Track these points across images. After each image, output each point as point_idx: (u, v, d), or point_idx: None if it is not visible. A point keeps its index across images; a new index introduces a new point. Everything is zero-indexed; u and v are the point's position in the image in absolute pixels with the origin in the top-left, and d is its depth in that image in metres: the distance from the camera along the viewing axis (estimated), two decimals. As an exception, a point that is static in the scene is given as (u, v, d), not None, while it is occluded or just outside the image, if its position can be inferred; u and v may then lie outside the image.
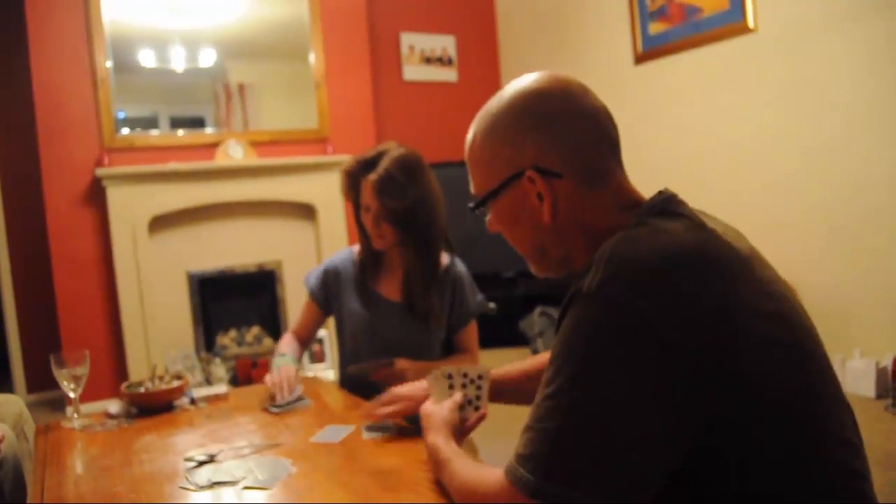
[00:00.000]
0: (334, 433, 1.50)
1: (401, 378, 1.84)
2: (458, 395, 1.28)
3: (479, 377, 1.31)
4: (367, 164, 1.89)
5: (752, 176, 3.86)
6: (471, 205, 1.04)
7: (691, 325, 0.79)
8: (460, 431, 1.24)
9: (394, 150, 1.89)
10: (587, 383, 0.81)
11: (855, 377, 3.32)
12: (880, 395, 3.27)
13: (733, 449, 0.81)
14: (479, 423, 1.29)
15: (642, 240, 0.86)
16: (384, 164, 1.85)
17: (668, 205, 0.93)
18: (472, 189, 1.04)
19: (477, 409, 1.29)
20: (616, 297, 0.81)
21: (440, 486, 1.18)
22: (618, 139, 0.99)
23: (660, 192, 0.97)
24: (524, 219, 0.99)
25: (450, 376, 1.31)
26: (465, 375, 1.31)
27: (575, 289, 0.86)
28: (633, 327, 0.79)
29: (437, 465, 1.14)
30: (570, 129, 0.95)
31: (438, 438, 1.17)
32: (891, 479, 2.41)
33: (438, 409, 1.25)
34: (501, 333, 4.59)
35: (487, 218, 1.04)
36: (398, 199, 1.84)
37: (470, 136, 1.03)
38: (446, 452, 1.11)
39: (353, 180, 1.92)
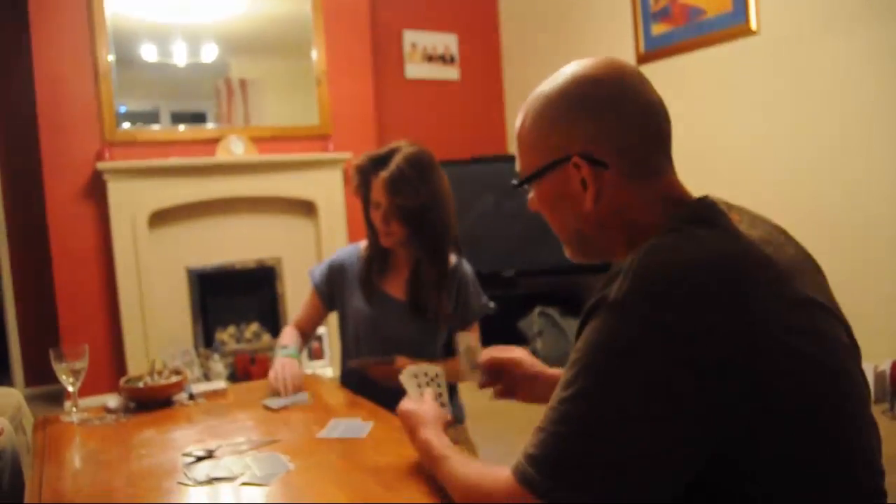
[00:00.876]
0: (352, 428, 1.50)
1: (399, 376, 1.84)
2: (428, 392, 1.31)
3: (437, 375, 1.36)
4: (379, 161, 1.89)
5: (751, 178, 3.86)
6: (514, 182, 1.03)
7: (714, 340, 0.78)
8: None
9: (405, 147, 1.89)
10: (606, 391, 0.80)
11: (853, 380, 3.32)
12: (878, 399, 3.27)
13: (749, 463, 0.80)
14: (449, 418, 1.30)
15: (672, 249, 0.84)
16: (396, 161, 1.85)
17: (706, 211, 0.90)
18: (517, 167, 1.03)
19: (442, 405, 1.31)
20: (640, 308, 0.80)
21: (437, 483, 1.18)
22: (669, 134, 0.97)
23: (702, 198, 0.94)
24: (566, 203, 0.97)
25: (415, 375, 1.36)
26: (425, 374, 1.36)
27: (601, 296, 0.85)
28: (655, 340, 0.78)
29: (431, 461, 1.13)
30: (622, 120, 0.93)
31: (430, 434, 1.16)
32: (890, 483, 2.41)
33: (424, 406, 1.25)
34: (500, 333, 4.57)
35: (529, 197, 1.03)
36: (409, 197, 1.84)
37: (520, 117, 1.01)
38: (441, 448, 1.11)
39: (364, 177, 1.91)
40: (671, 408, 0.77)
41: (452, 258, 2.00)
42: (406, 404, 1.28)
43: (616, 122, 0.93)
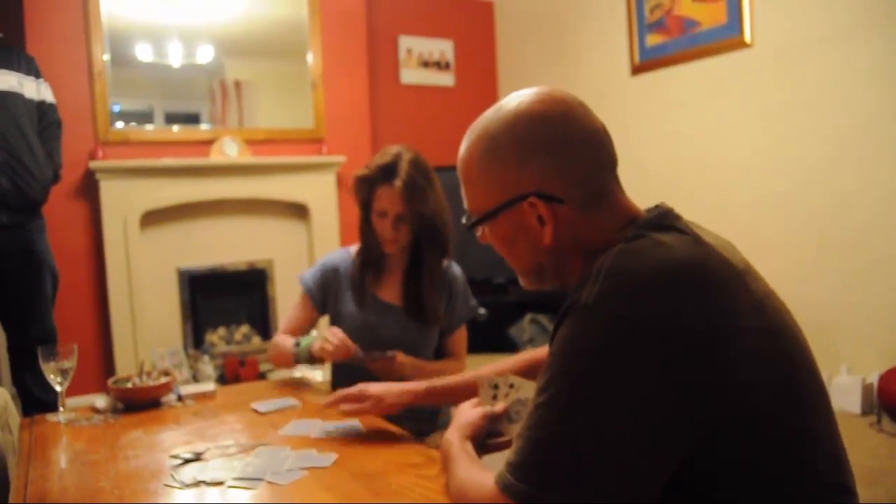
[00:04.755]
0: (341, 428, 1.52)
1: (399, 372, 1.84)
2: (499, 406, 1.25)
3: (512, 386, 1.25)
4: (387, 171, 1.88)
5: (744, 189, 3.88)
6: (464, 221, 1.04)
7: (687, 338, 0.80)
8: (483, 444, 1.21)
9: (405, 153, 1.89)
10: (581, 394, 0.81)
11: (841, 393, 3.34)
12: (865, 412, 3.29)
13: (723, 461, 0.81)
14: (505, 448, 1.23)
15: (640, 253, 0.86)
16: (405, 169, 1.85)
17: (664, 219, 0.94)
18: (465, 205, 1.03)
19: (512, 421, 1.24)
20: (613, 309, 0.81)
21: (427, 490, 1.18)
22: (616, 158, 0.99)
23: (656, 206, 0.97)
24: (521, 239, 0.98)
25: (496, 386, 1.27)
26: (510, 386, 1.26)
27: (572, 300, 0.86)
28: (629, 340, 0.79)
29: (445, 460, 1.14)
30: (573, 155, 0.94)
31: (455, 436, 1.16)
32: (875, 496, 2.43)
33: (469, 410, 1.24)
34: (491, 340, 4.59)
35: (480, 233, 1.03)
36: (424, 203, 1.86)
37: (464, 152, 1.01)
38: (456, 450, 1.11)
39: (369, 186, 1.91)
40: (643, 405, 0.79)
41: (444, 262, 2.01)
42: (463, 405, 1.28)
43: (567, 157, 0.94)
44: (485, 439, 1.21)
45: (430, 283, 1.95)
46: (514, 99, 0.99)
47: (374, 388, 1.51)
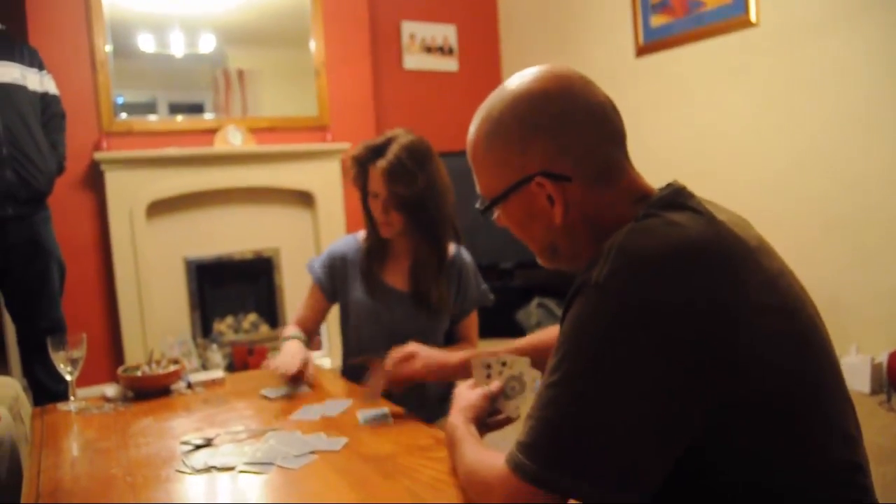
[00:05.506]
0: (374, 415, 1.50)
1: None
2: (494, 385, 1.25)
3: (504, 364, 1.27)
4: (376, 151, 1.87)
5: (750, 169, 3.86)
6: (478, 206, 1.03)
7: (698, 318, 0.79)
8: (484, 423, 1.22)
9: (402, 136, 1.87)
10: (592, 373, 0.81)
11: (850, 373, 3.33)
12: (875, 391, 3.28)
13: (736, 440, 0.81)
14: (505, 425, 1.26)
15: (651, 232, 0.85)
16: (393, 150, 1.83)
17: (677, 197, 0.92)
18: (478, 189, 1.03)
19: (508, 398, 1.26)
20: (624, 288, 0.81)
21: (436, 472, 1.18)
22: (624, 131, 0.98)
23: (669, 185, 0.96)
24: (534, 220, 0.97)
25: (488, 366, 1.28)
26: (503, 364, 1.27)
27: (583, 279, 0.86)
28: (639, 319, 0.79)
29: (450, 444, 1.14)
30: (577, 131, 0.93)
31: (458, 419, 1.17)
32: (884, 473, 2.43)
33: (468, 392, 1.25)
34: (498, 324, 4.58)
35: (496, 216, 1.03)
36: (407, 186, 1.83)
37: (472, 136, 1.01)
38: (461, 433, 1.12)
39: (362, 167, 1.90)
40: (654, 385, 0.78)
41: (452, 247, 1.99)
42: (460, 387, 1.29)
43: (572, 134, 0.93)
44: (485, 419, 1.22)
45: (432, 269, 1.94)
46: (516, 79, 0.98)
47: (423, 351, 1.55)
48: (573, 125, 0.93)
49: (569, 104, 0.94)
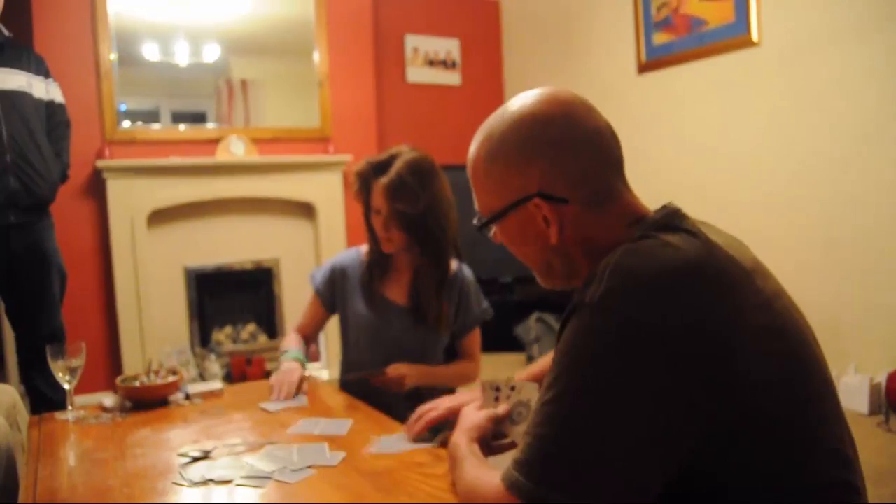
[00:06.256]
0: (392, 443, 1.45)
1: (399, 384, 1.84)
2: (501, 408, 1.24)
3: (513, 389, 1.25)
4: (379, 167, 1.87)
5: (751, 188, 3.87)
6: (475, 222, 1.05)
7: (692, 338, 0.80)
8: (488, 445, 1.21)
9: (406, 153, 1.87)
10: (586, 392, 0.81)
11: (849, 393, 3.32)
12: (873, 412, 3.28)
13: (729, 460, 0.81)
14: (508, 450, 1.24)
15: (646, 252, 0.86)
16: (396, 167, 1.83)
17: (672, 219, 0.94)
18: (476, 206, 1.05)
19: (514, 423, 1.23)
20: (618, 308, 0.81)
21: (434, 488, 1.18)
22: (621, 157, 1.00)
23: (663, 207, 0.97)
24: (530, 238, 1.00)
25: (497, 388, 1.26)
26: (512, 388, 1.25)
27: (578, 299, 0.87)
28: (633, 339, 0.80)
29: (452, 462, 1.14)
30: (575, 155, 0.95)
31: (462, 438, 1.17)
32: (881, 496, 2.42)
33: (474, 413, 1.24)
34: (497, 338, 4.59)
35: (492, 233, 1.05)
36: (409, 204, 1.83)
37: (472, 155, 1.03)
38: (463, 451, 1.12)
39: (365, 182, 1.90)
40: (650, 406, 0.79)
41: (454, 264, 1.99)
42: (466, 408, 1.28)
43: (570, 158, 0.95)
44: (489, 441, 1.22)
45: (432, 284, 1.94)
46: (518, 101, 1.00)
47: (446, 401, 1.46)
48: (572, 150, 0.95)
49: (569, 129, 0.96)
